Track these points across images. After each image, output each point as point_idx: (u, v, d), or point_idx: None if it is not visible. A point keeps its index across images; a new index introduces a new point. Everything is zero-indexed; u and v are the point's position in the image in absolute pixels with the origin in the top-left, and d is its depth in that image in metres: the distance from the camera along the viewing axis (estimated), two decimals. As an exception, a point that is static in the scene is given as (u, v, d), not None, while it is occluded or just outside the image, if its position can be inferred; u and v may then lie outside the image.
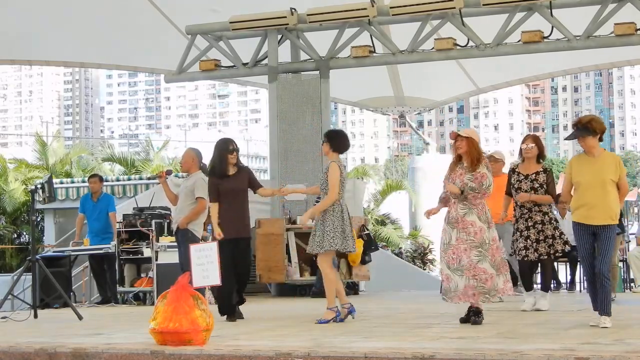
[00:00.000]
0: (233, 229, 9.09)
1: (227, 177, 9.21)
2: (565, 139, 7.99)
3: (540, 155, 9.73)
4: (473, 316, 8.09)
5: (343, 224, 8.54)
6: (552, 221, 9.57)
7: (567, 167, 7.81)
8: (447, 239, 8.13)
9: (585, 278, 7.82)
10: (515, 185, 9.67)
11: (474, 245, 8.01)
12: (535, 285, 10.39)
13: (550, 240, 9.52)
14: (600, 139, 7.60)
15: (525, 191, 9.58)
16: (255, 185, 9.42)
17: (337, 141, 8.83)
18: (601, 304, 7.48)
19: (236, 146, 9.39)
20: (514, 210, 9.81)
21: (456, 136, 8.23)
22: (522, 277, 10.09)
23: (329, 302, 8.60)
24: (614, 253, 11.37)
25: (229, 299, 9.01)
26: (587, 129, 7.49)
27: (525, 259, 9.61)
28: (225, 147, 9.29)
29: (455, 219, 8.12)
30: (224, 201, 9.18)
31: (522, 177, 9.64)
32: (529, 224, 9.57)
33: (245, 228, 9.36)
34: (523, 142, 9.81)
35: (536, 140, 9.82)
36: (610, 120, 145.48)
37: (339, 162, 8.73)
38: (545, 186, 9.57)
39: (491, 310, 9.74)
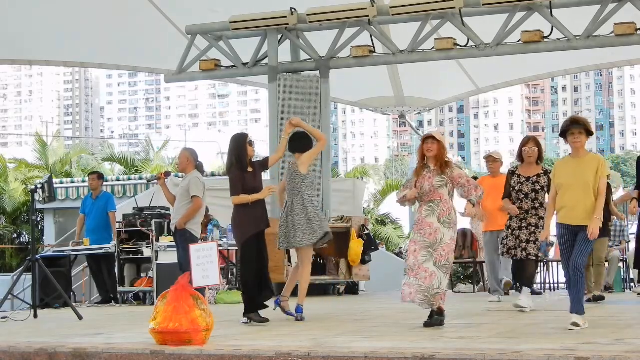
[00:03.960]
0: (255, 225, 8.95)
1: (247, 172, 8.91)
2: (561, 134, 7.88)
3: (540, 158, 9.77)
4: (436, 314, 7.95)
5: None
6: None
7: (553, 170, 7.86)
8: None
9: (566, 281, 7.76)
10: (517, 188, 9.68)
11: (425, 246, 7.94)
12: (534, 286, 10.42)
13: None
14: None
15: (527, 194, 9.61)
16: (265, 164, 9.16)
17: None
18: (572, 301, 7.42)
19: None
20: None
21: (428, 137, 8.11)
22: (515, 276, 10.14)
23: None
24: (601, 255, 11.48)
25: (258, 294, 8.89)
26: (584, 125, 7.55)
27: (514, 257, 9.70)
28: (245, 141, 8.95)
29: (416, 221, 8.12)
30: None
31: (524, 180, 9.66)
32: (523, 225, 9.61)
33: (266, 220, 9.17)
34: (524, 144, 9.82)
35: (537, 143, 9.87)
36: (610, 120, 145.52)
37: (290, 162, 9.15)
38: (546, 188, 9.59)
39: (491, 310, 9.76)
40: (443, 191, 8.02)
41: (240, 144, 8.85)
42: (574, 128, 7.54)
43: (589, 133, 7.59)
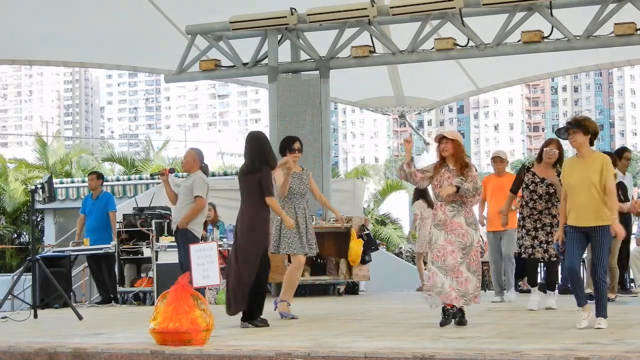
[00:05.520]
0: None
1: None
2: (557, 134, 7.89)
3: (559, 161, 9.68)
4: (459, 317, 8.03)
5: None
6: None
7: (562, 169, 7.85)
8: (434, 239, 8.10)
9: (567, 274, 7.78)
10: (530, 187, 9.64)
11: (461, 247, 7.99)
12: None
13: None
14: (591, 143, 7.61)
15: (541, 195, 9.58)
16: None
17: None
18: (597, 307, 7.47)
19: None
20: (521, 208, 9.80)
21: (441, 138, 8.17)
22: (529, 274, 10.16)
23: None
24: (611, 254, 11.40)
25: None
26: (579, 125, 7.53)
27: (532, 257, 9.66)
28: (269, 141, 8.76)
29: (443, 221, 8.07)
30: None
31: (538, 180, 9.62)
32: (538, 226, 9.59)
33: None
34: (547, 144, 9.73)
35: (559, 146, 9.73)
36: (610, 120, 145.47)
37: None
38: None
39: (491, 310, 9.75)
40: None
41: (268, 143, 8.63)
42: (570, 128, 7.55)
43: (588, 132, 7.56)
